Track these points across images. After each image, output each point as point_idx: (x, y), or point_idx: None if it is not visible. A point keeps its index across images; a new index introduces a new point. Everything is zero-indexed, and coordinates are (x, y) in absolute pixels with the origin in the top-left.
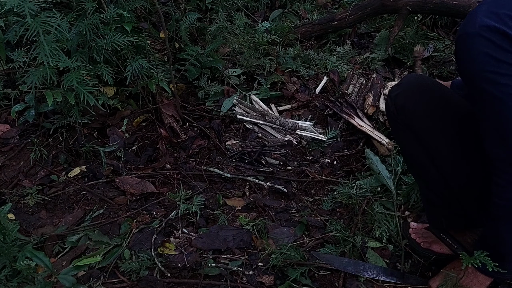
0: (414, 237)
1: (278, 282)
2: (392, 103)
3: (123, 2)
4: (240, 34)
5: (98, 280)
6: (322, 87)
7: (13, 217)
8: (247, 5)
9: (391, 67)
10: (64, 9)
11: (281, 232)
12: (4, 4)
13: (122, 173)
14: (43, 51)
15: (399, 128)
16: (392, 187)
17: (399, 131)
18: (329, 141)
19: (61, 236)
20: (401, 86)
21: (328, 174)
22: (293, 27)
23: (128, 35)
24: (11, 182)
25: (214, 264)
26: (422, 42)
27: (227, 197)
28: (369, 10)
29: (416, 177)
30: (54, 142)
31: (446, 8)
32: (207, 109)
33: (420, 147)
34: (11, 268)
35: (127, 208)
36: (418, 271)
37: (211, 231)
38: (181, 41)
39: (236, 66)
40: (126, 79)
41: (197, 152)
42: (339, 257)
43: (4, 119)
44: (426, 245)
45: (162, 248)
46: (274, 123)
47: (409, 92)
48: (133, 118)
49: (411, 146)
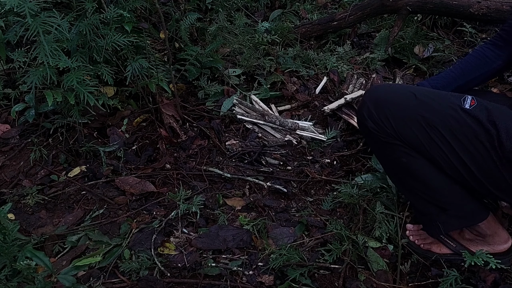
0: (413, 239)
1: (278, 282)
2: (368, 121)
3: (123, 2)
4: (240, 34)
5: (98, 280)
6: (322, 87)
7: (13, 217)
8: (247, 5)
9: (391, 67)
10: (64, 9)
11: (281, 232)
12: (4, 4)
13: (122, 173)
14: (43, 51)
15: (384, 144)
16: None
17: (385, 147)
18: (329, 141)
19: (61, 236)
20: (368, 101)
21: (328, 174)
22: (293, 27)
23: (128, 35)
24: (11, 182)
25: (214, 264)
26: (422, 42)
27: (227, 197)
28: (369, 10)
29: (408, 191)
30: (54, 142)
31: (446, 8)
32: (207, 109)
33: (412, 154)
34: (11, 268)
35: (127, 208)
36: (418, 271)
37: (211, 231)
38: (181, 41)
39: (236, 66)
40: (126, 79)
41: (197, 152)
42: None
43: (4, 119)
44: (426, 246)
45: (162, 248)
46: (274, 123)
47: (380, 101)
48: (133, 118)
49: (402, 157)
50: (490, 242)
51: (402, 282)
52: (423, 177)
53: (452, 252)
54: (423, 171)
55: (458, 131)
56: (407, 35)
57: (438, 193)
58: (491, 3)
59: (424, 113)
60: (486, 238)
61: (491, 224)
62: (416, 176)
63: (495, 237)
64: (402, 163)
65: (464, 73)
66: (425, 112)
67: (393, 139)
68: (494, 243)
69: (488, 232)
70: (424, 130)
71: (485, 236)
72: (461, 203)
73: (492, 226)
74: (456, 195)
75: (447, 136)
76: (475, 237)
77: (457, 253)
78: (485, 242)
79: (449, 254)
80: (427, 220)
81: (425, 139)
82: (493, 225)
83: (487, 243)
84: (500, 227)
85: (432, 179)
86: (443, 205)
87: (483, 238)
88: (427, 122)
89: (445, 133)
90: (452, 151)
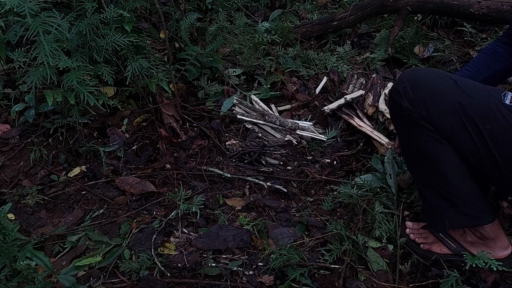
0: (413, 237)
1: (278, 282)
2: (403, 99)
3: (123, 2)
4: (240, 34)
5: (98, 280)
6: (322, 87)
7: (13, 217)
8: (247, 5)
9: (391, 67)
10: (64, 9)
11: (281, 232)
12: (4, 4)
13: (122, 173)
14: (43, 51)
15: (414, 125)
16: (394, 187)
17: (413, 129)
18: (329, 141)
19: (61, 236)
20: (404, 81)
21: (328, 174)
22: (293, 27)
23: (128, 35)
24: (11, 182)
25: (214, 264)
26: (422, 42)
27: (227, 197)
28: (369, 10)
29: (422, 180)
30: (54, 142)
31: (446, 8)
32: (207, 109)
33: (440, 140)
34: (11, 268)
35: (127, 208)
36: (418, 271)
37: (211, 231)
38: (181, 41)
39: (236, 66)
40: (126, 79)
41: (197, 152)
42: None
43: (4, 119)
44: (426, 246)
45: (162, 248)
46: (274, 123)
47: (419, 82)
48: (133, 118)
49: (429, 141)
50: (491, 247)
51: (402, 282)
52: (443, 167)
53: (452, 253)
54: (446, 160)
55: (495, 125)
56: (407, 35)
57: (453, 186)
58: (491, 3)
59: (462, 101)
60: (487, 242)
61: (495, 228)
62: (436, 165)
63: (496, 242)
64: (426, 148)
65: (479, 71)
66: (463, 101)
67: (425, 122)
68: (495, 248)
69: (491, 236)
70: (459, 118)
71: (487, 239)
72: (472, 201)
73: (496, 231)
74: (470, 191)
75: (482, 128)
76: (477, 239)
77: (458, 254)
78: (486, 246)
79: (449, 255)
80: (433, 214)
81: (458, 127)
82: (497, 229)
83: (488, 247)
84: (503, 233)
85: (452, 170)
86: (454, 199)
87: (484, 241)
88: (464, 111)
89: (481, 125)
90: (483, 143)
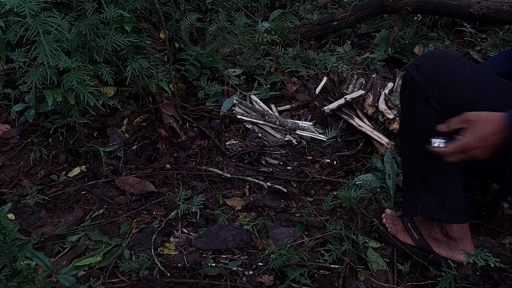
0: (384, 221)
1: (278, 282)
2: (417, 74)
3: (123, 2)
4: (240, 34)
5: (98, 280)
6: (322, 87)
7: (13, 217)
8: (247, 5)
9: (391, 67)
10: (64, 9)
11: (281, 232)
12: (4, 4)
13: (122, 173)
14: (43, 51)
15: (419, 101)
16: (393, 187)
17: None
18: (329, 141)
19: (61, 236)
20: (425, 56)
21: (328, 174)
22: (293, 27)
23: (128, 35)
24: (11, 182)
25: (214, 264)
26: (422, 42)
27: (227, 197)
28: (369, 11)
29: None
30: (54, 142)
31: (446, 8)
32: (207, 109)
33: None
34: (11, 268)
35: (127, 208)
36: (418, 271)
37: (211, 231)
38: (181, 41)
39: (236, 66)
40: (126, 79)
41: (197, 152)
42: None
43: (4, 119)
44: (393, 231)
45: (162, 248)
46: (274, 123)
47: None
48: (133, 118)
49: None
50: (453, 248)
51: (402, 282)
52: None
53: (413, 245)
54: None
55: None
56: (407, 35)
57: (439, 174)
58: (491, 3)
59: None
60: (451, 242)
61: (463, 231)
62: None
63: (459, 244)
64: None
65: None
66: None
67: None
68: (456, 250)
69: (456, 237)
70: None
71: (452, 239)
72: (452, 195)
73: (463, 234)
74: (453, 184)
75: None
76: (442, 237)
77: (418, 247)
78: (449, 246)
79: (409, 246)
80: (409, 196)
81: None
82: (465, 233)
83: (450, 247)
84: (469, 240)
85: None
86: (435, 185)
87: (448, 240)
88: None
89: None
90: None
